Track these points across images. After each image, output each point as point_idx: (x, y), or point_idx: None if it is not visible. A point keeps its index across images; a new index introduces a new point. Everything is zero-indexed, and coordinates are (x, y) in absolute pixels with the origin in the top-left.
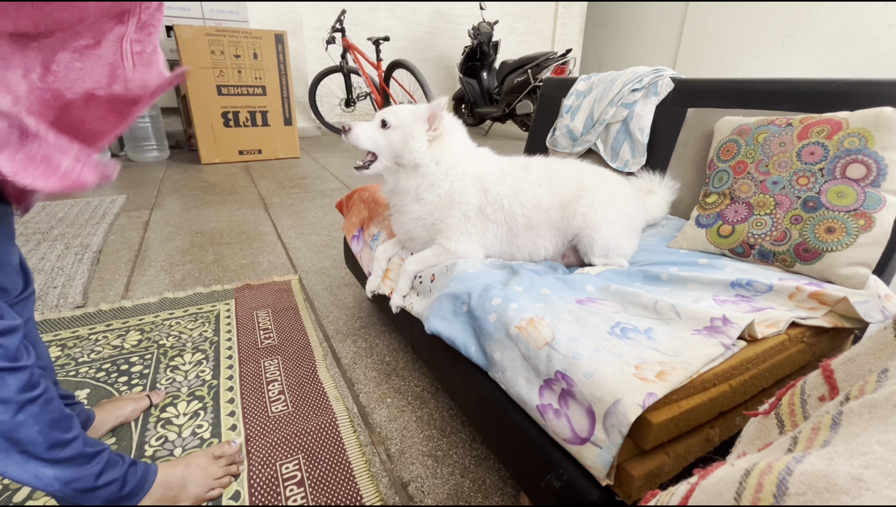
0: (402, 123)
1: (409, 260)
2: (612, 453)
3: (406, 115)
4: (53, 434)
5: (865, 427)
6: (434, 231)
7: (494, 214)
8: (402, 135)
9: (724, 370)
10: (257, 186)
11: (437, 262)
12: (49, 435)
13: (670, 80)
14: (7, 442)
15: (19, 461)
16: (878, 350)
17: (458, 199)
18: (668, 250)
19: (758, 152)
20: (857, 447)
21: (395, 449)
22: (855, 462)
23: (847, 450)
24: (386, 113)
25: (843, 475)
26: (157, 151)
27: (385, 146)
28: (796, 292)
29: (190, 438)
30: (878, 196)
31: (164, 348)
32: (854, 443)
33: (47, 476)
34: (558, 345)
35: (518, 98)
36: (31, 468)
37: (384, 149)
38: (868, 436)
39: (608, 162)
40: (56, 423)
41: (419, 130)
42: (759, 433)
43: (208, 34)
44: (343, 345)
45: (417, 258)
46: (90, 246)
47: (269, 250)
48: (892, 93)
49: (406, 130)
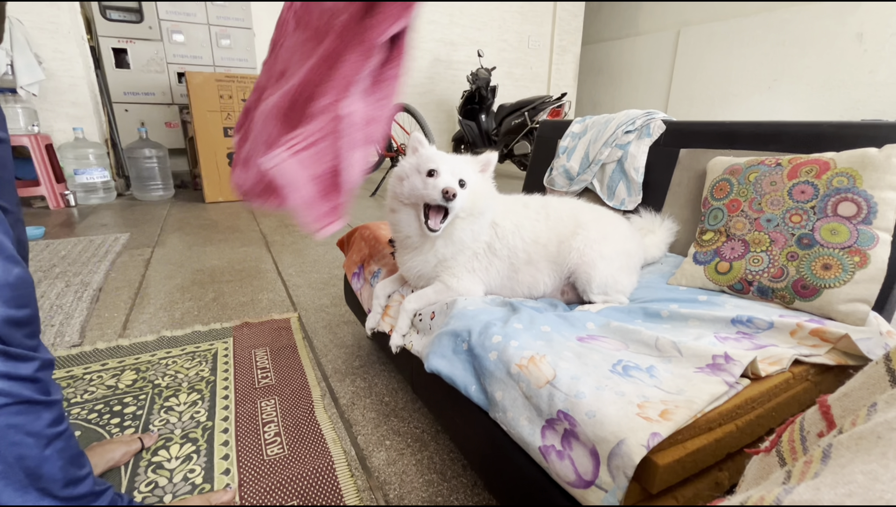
0: (472, 179)
1: (409, 298)
2: (619, 496)
3: (471, 170)
4: (71, 471)
5: (852, 458)
6: (441, 268)
7: (501, 249)
8: (473, 190)
9: (730, 410)
10: (259, 225)
11: (437, 299)
12: (68, 472)
13: (662, 123)
14: (29, 478)
15: (34, 498)
16: (871, 385)
17: (476, 239)
18: (668, 287)
19: (750, 191)
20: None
21: (393, 495)
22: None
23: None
24: (461, 173)
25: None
26: (163, 190)
27: (468, 207)
28: (798, 328)
29: (181, 483)
30: (871, 233)
31: (160, 388)
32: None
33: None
34: (560, 383)
35: (516, 139)
36: (44, 504)
37: (465, 206)
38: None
39: (605, 200)
40: (74, 459)
41: (485, 181)
42: (761, 472)
43: (218, 80)
44: (342, 385)
45: (418, 296)
46: (90, 284)
47: (270, 288)
48: (876, 134)
49: (476, 184)
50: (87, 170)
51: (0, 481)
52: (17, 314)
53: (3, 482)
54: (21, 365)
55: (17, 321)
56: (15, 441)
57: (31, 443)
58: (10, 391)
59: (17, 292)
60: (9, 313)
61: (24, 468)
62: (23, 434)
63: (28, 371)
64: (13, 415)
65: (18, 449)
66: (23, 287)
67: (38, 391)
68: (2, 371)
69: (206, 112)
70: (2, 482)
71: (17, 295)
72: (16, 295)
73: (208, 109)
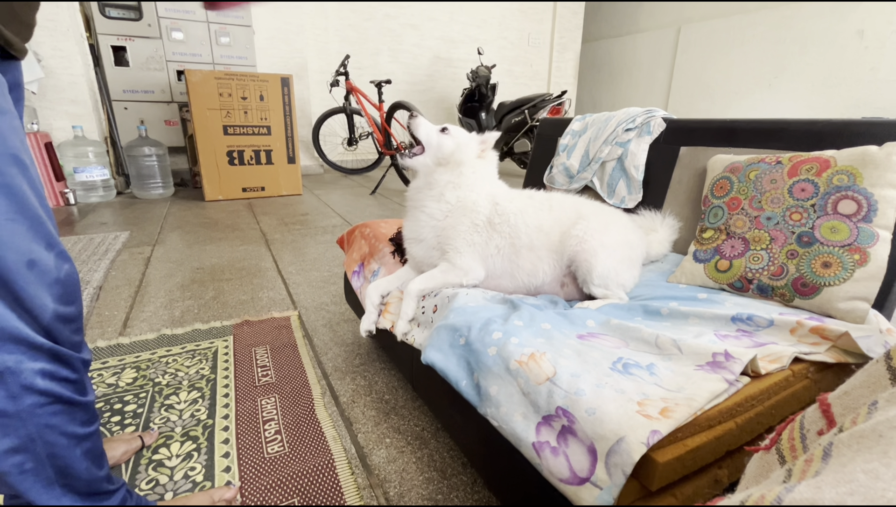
0: (458, 134)
1: (413, 281)
2: (613, 494)
3: (463, 132)
4: (94, 470)
5: (853, 457)
6: (443, 238)
7: (501, 225)
8: (456, 143)
9: (729, 407)
10: (259, 223)
11: (443, 279)
12: (91, 471)
13: (662, 121)
14: (56, 475)
15: (58, 494)
16: (872, 383)
17: (471, 207)
18: (668, 285)
19: (750, 189)
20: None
21: (393, 492)
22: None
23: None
24: (447, 125)
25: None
26: (163, 189)
27: (436, 145)
28: (797, 326)
29: (182, 481)
30: (871, 231)
31: (160, 387)
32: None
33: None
34: (560, 381)
35: (516, 137)
36: (66, 501)
37: (434, 146)
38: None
39: (605, 198)
40: (98, 459)
41: (473, 144)
42: (761, 470)
43: (217, 78)
44: (342, 383)
45: (424, 277)
46: (91, 282)
47: (270, 286)
48: (877, 132)
49: (461, 140)
50: (87, 168)
51: (31, 477)
52: (65, 311)
53: (32, 478)
54: (64, 366)
55: (66, 318)
56: (50, 441)
57: (65, 443)
58: (52, 391)
59: (66, 289)
60: (58, 310)
61: (55, 466)
62: (57, 434)
63: (70, 372)
64: (52, 415)
65: (52, 448)
66: (71, 284)
67: (77, 392)
68: (48, 370)
69: (205, 110)
70: (32, 478)
71: (67, 292)
72: (65, 292)
73: (208, 107)
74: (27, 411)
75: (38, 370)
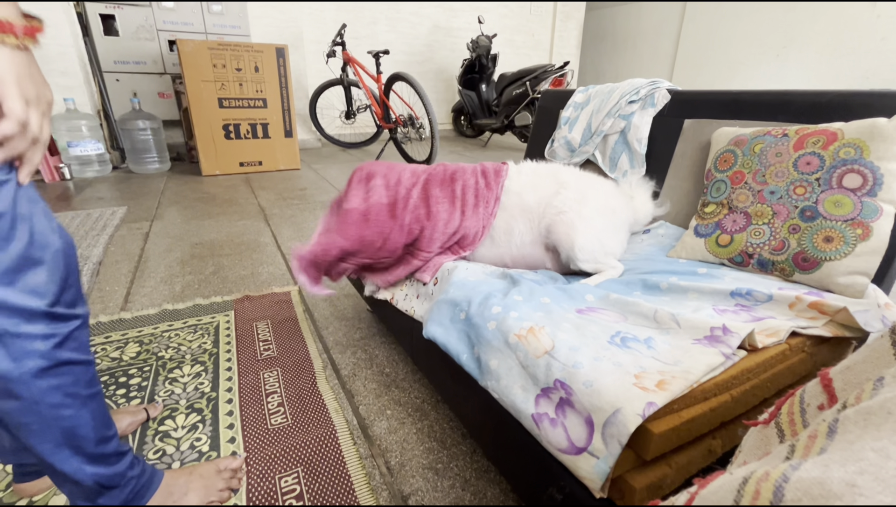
0: None
1: None
2: (610, 463)
3: None
4: (101, 430)
5: (860, 434)
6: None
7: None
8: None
9: (725, 380)
10: (257, 198)
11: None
12: (99, 431)
13: (667, 92)
14: (65, 436)
15: (67, 455)
16: (875, 359)
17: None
18: (668, 260)
19: (755, 163)
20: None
21: (395, 462)
22: (849, 468)
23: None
24: None
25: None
26: (159, 163)
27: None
28: (796, 301)
29: (188, 451)
30: (875, 206)
31: (163, 361)
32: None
33: (85, 472)
34: (558, 354)
35: (517, 110)
36: (75, 462)
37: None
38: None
39: (607, 172)
40: (105, 419)
41: None
42: (759, 443)
43: (210, 48)
44: (343, 356)
45: None
46: (90, 258)
47: (269, 261)
48: (886, 104)
49: None
50: (81, 142)
51: (37, 438)
52: (68, 277)
53: (39, 439)
54: (62, 325)
55: (68, 284)
56: (54, 403)
57: (70, 403)
58: (52, 354)
59: (68, 259)
60: (63, 276)
61: (61, 427)
62: (62, 395)
63: (69, 330)
64: (54, 377)
65: (57, 410)
66: (73, 254)
67: (77, 351)
68: (46, 333)
69: (199, 82)
70: (38, 439)
71: (68, 262)
72: (67, 262)
73: (202, 79)
74: (29, 374)
75: (39, 334)
